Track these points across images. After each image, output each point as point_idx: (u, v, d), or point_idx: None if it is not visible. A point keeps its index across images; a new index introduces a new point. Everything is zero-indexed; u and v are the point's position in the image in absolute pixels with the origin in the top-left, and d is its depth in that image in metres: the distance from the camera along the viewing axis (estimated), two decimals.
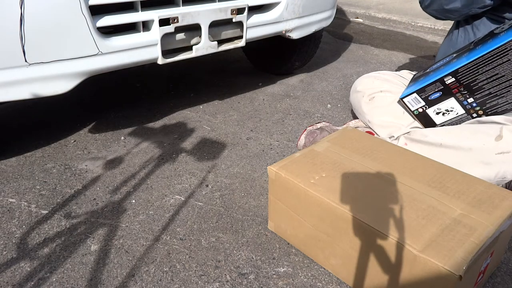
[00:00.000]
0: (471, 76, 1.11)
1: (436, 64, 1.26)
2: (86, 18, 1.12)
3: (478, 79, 1.11)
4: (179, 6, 1.31)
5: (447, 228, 0.79)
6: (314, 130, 1.42)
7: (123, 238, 1.04)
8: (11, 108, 1.72)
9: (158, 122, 1.63)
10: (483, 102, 1.15)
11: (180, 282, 0.92)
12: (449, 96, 1.18)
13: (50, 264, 0.96)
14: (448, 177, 0.94)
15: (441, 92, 1.18)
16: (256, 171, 1.33)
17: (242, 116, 1.71)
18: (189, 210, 1.15)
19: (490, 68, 1.08)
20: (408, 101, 1.25)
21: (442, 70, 1.18)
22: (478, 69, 1.09)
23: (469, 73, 1.11)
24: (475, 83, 1.12)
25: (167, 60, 1.35)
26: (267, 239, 1.05)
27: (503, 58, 1.05)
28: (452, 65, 1.15)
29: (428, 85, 1.18)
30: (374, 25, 3.26)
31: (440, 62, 1.25)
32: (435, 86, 1.17)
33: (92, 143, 1.47)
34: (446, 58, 1.24)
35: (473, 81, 1.12)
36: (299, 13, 1.62)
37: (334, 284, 0.93)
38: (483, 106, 1.15)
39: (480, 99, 1.14)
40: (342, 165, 0.99)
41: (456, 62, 1.15)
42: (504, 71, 1.07)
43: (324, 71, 2.25)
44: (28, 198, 1.18)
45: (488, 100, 1.14)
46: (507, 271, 0.97)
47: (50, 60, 1.12)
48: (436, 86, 1.17)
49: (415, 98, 1.23)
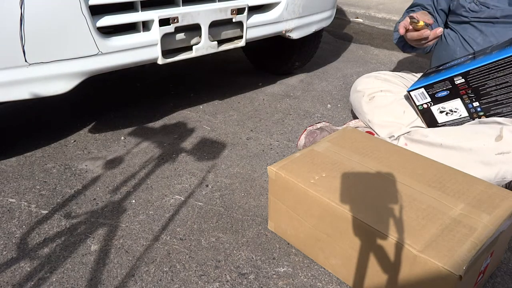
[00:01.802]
0: (481, 79, 1.11)
1: (451, 63, 1.25)
2: (86, 18, 1.12)
3: (487, 84, 1.10)
4: (179, 6, 1.31)
5: (447, 228, 0.79)
6: (314, 130, 1.42)
7: (123, 238, 1.04)
8: (11, 108, 1.72)
9: (158, 122, 1.63)
10: (488, 108, 1.14)
11: (180, 282, 0.92)
12: (455, 97, 1.17)
13: (50, 264, 0.96)
14: (448, 177, 0.94)
15: (448, 91, 1.17)
16: (256, 171, 1.33)
17: (242, 116, 1.71)
18: (189, 210, 1.15)
19: (501, 75, 1.07)
20: (414, 95, 1.24)
21: (455, 69, 1.17)
22: (489, 74, 1.09)
23: (480, 76, 1.10)
24: (484, 87, 1.11)
25: (167, 60, 1.35)
26: (267, 239, 1.05)
27: None
28: (465, 66, 1.15)
29: (437, 82, 1.18)
30: (374, 25, 3.26)
31: (455, 61, 1.25)
32: (443, 84, 1.17)
33: (92, 143, 1.47)
34: (461, 58, 1.23)
35: (482, 85, 1.11)
36: (299, 13, 1.62)
37: (334, 284, 0.93)
38: (487, 112, 1.15)
39: (485, 105, 1.14)
40: (342, 165, 0.99)
41: (469, 64, 1.14)
42: None
43: (324, 71, 2.25)
44: (28, 198, 1.18)
45: (493, 107, 1.14)
46: (507, 271, 0.97)
47: (50, 60, 1.12)
48: (445, 85, 1.17)
49: (422, 93, 1.22)
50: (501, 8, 1.21)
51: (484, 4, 1.24)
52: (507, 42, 1.13)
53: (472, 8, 1.27)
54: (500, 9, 1.21)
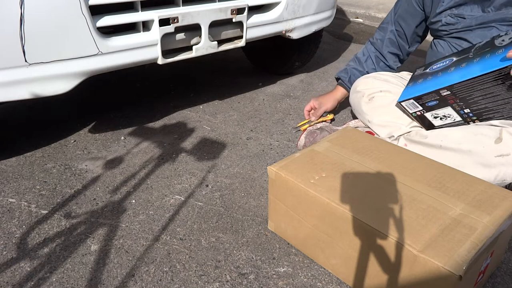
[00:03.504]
0: (466, 91, 1.11)
1: (436, 65, 1.26)
2: (86, 18, 1.12)
3: (473, 94, 1.11)
4: (179, 6, 1.31)
5: (447, 228, 0.79)
6: (314, 130, 1.42)
7: (123, 238, 1.04)
8: (11, 108, 1.72)
9: (158, 122, 1.63)
10: (480, 113, 1.15)
11: (180, 282, 0.92)
12: (445, 105, 1.18)
13: (50, 264, 0.96)
14: (448, 177, 0.94)
15: (437, 101, 1.18)
16: (256, 171, 1.33)
17: (242, 116, 1.71)
18: (189, 210, 1.15)
19: (486, 87, 1.08)
20: (406, 105, 1.25)
21: (440, 79, 1.18)
22: (474, 87, 1.09)
23: (465, 89, 1.11)
24: (471, 97, 1.12)
25: (167, 60, 1.35)
26: (267, 239, 1.05)
27: (498, 81, 1.05)
28: (449, 77, 1.15)
29: (425, 94, 1.19)
30: (374, 25, 3.26)
31: (439, 64, 1.25)
32: (431, 95, 1.18)
33: (92, 143, 1.47)
34: (446, 61, 1.24)
35: (468, 95, 1.12)
36: (299, 13, 1.62)
37: (334, 284, 0.93)
38: (480, 117, 1.16)
39: (476, 111, 1.15)
40: (342, 165, 0.99)
41: (453, 73, 1.14)
42: (500, 91, 1.07)
43: (324, 71, 2.25)
44: (28, 198, 1.18)
45: (485, 113, 1.14)
46: (507, 271, 0.97)
47: (50, 60, 1.12)
48: (433, 96, 1.18)
49: (412, 103, 1.23)
50: (475, 17, 1.23)
51: (460, 16, 1.26)
52: (488, 45, 1.12)
53: (449, 21, 1.29)
54: (474, 18, 1.23)
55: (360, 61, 1.57)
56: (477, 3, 1.23)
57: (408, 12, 1.45)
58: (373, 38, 1.57)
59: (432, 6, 1.35)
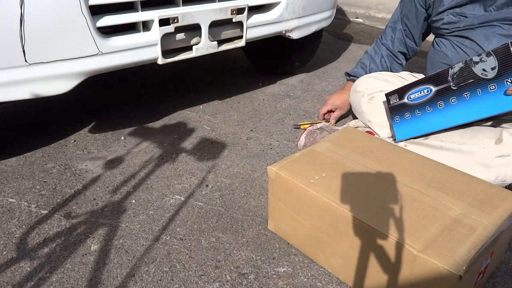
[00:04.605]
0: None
1: (413, 93, 1.22)
2: (86, 18, 1.12)
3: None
4: (179, 6, 1.31)
5: (447, 228, 0.79)
6: (314, 130, 1.42)
7: (123, 238, 1.04)
8: (11, 108, 1.72)
9: (158, 122, 1.63)
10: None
11: (180, 282, 0.92)
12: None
13: (50, 264, 0.96)
14: (448, 177, 0.94)
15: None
16: (256, 171, 1.33)
17: (242, 116, 1.71)
18: (189, 210, 1.15)
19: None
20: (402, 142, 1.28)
21: (432, 116, 1.19)
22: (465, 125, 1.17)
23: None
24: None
25: (167, 60, 1.35)
26: (267, 239, 1.05)
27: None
28: (445, 116, 1.16)
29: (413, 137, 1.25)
30: (374, 25, 3.26)
31: (416, 92, 1.22)
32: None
33: (92, 143, 1.47)
34: (423, 89, 1.20)
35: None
36: (299, 13, 1.62)
37: (334, 284, 0.93)
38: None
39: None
40: (342, 165, 0.99)
41: (447, 111, 1.15)
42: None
43: (324, 71, 2.25)
44: (28, 198, 1.18)
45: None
46: (507, 271, 0.97)
47: (50, 60, 1.12)
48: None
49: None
50: (477, 16, 1.23)
51: (462, 14, 1.26)
52: (467, 73, 1.09)
53: (451, 20, 1.29)
54: (476, 17, 1.23)
55: (374, 59, 1.57)
56: (479, 2, 1.23)
57: (411, 12, 1.45)
58: (383, 37, 1.57)
59: (433, 5, 1.35)
